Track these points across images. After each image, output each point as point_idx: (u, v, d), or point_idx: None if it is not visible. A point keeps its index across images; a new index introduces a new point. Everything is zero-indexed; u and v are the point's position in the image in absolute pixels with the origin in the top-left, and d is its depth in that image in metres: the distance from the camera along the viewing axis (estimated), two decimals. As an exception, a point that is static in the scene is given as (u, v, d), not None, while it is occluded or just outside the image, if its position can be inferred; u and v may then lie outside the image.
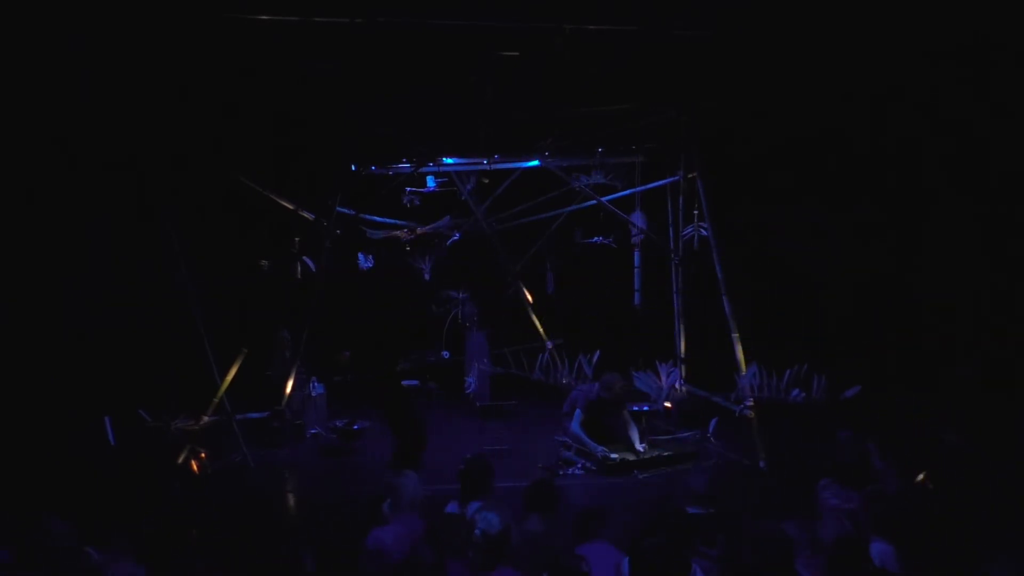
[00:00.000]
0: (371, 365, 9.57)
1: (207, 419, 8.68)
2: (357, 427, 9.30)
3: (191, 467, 8.17)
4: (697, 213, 9.88)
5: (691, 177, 9.96)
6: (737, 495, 7.45)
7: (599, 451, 8.11)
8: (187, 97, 8.36)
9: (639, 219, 10.82)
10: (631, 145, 10.36)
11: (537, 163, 10.34)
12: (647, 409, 9.53)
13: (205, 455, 8.32)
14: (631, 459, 8.15)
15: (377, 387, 9.00)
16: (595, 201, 10.48)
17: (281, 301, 10.32)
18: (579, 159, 10.49)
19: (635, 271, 11.09)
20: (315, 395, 10.01)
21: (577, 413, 8.32)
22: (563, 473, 8.11)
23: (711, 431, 9.20)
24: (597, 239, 10.96)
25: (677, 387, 9.65)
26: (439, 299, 11.52)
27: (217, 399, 8.73)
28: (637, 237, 10.84)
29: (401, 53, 8.09)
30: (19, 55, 7.33)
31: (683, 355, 10.42)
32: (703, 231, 9.74)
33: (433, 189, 10.79)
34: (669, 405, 9.42)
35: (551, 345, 10.65)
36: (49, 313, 8.62)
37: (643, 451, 8.25)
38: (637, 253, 11.06)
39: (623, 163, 10.72)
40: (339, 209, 10.25)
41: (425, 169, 10.51)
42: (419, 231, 11.17)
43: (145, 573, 4.45)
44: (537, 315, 10.94)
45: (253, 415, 9.42)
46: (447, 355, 11.25)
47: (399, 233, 11.15)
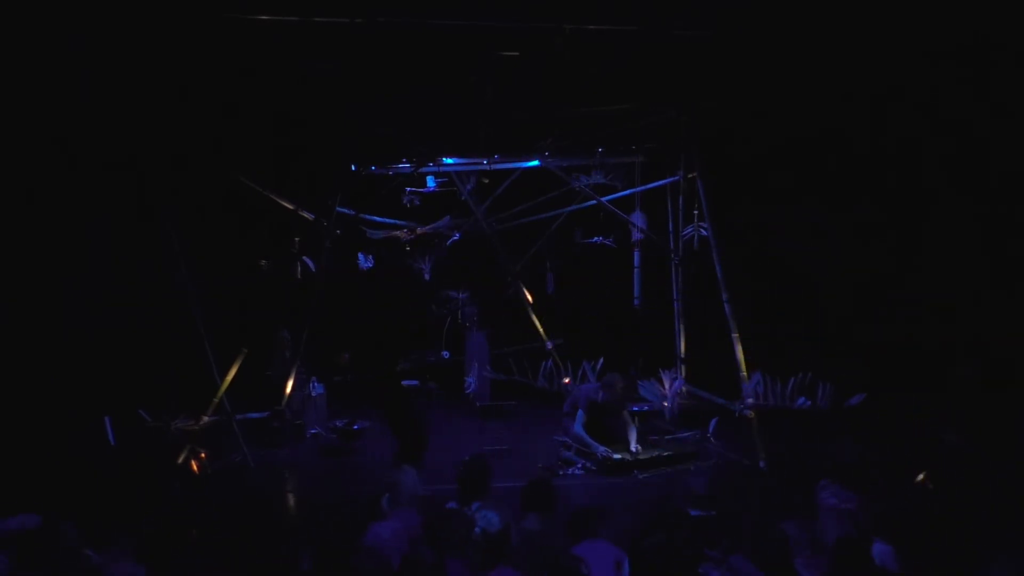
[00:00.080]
0: (371, 365, 9.57)
1: (207, 419, 8.68)
2: (357, 427, 9.30)
3: (191, 467, 8.17)
4: (697, 213, 9.88)
5: (691, 177, 9.96)
6: (737, 495, 7.45)
7: (601, 451, 8.10)
8: (187, 97, 8.36)
9: (639, 219, 10.82)
10: (631, 145, 10.36)
11: (537, 163, 10.34)
12: (647, 409, 9.56)
13: (205, 455, 8.31)
14: (637, 459, 8.13)
15: (377, 387, 9.00)
16: (595, 201, 10.49)
17: (281, 301, 10.32)
18: (579, 159, 10.50)
19: (635, 271, 11.10)
20: (315, 395, 10.00)
21: (579, 414, 8.32)
22: (563, 473, 8.10)
23: (711, 431, 9.21)
24: (597, 239, 10.96)
25: (681, 394, 9.59)
26: (439, 299, 11.52)
27: (217, 399, 8.73)
28: (637, 237, 10.84)
29: (401, 53, 8.09)
30: (19, 55, 7.33)
31: (683, 355, 10.43)
32: (703, 231, 9.74)
33: (433, 189, 10.79)
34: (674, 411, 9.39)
35: (551, 345, 10.65)
36: (49, 313, 8.62)
37: (637, 451, 8.22)
38: (637, 253, 11.06)
39: (623, 163, 10.72)
40: (339, 209, 10.25)
41: (425, 169, 10.51)
42: (419, 231, 11.17)
43: (145, 573, 4.45)
44: (537, 315, 10.94)
45: (253, 415, 9.42)
46: (447, 355, 11.25)
47: (399, 233, 11.15)
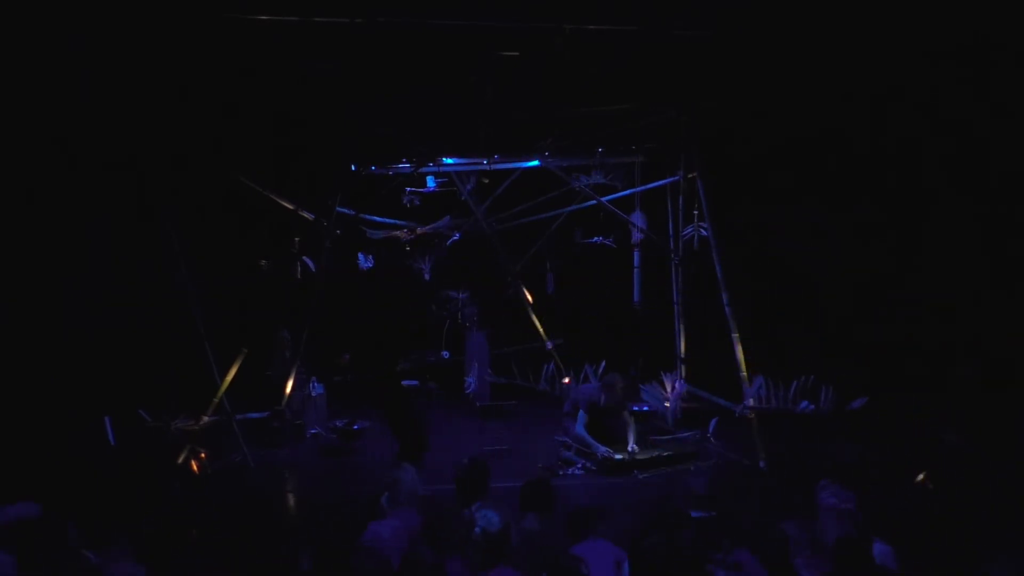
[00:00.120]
0: (371, 365, 9.57)
1: (207, 419, 8.68)
2: (357, 427, 9.30)
3: (191, 467, 8.17)
4: (697, 213, 9.88)
5: (691, 177, 9.96)
6: (737, 495, 7.45)
7: (602, 451, 8.09)
8: (187, 97, 8.35)
9: (639, 219, 10.82)
10: (631, 145, 10.36)
11: (537, 163, 10.34)
12: (647, 410, 9.56)
13: (205, 455, 8.31)
14: (635, 459, 8.13)
15: (377, 387, 9.00)
16: (595, 201, 10.49)
17: (281, 301, 10.32)
18: (579, 159, 10.50)
19: (635, 271, 11.10)
20: (315, 395, 10.00)
21: (580, 415, 8.31)
22: (563, 473, 8.10)
23: (711, 431, 9.21)
24: (597, 239, 10.96)
25: (683, 397, 9.58)
26: (439, 299, 11.52)
27: (217, 399, 8.73)
28: (637, 237, 10.84)
29: (401, 53, 8.09)
30: (19, 55, 7.33)
31: (683, 355, 10.43)
32: (703, 231, 9.74)
33: (433, 189, 10.79)
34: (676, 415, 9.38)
35: (551, 345, 10.65)
36: (49, 313, 8.61)
37: (634, 451, 8.21)
38: (637, 253, 11.06)
39: (623, 163, 10.72)
40: (339, 209, 10.25)
41: (425, 169, 10.51)
42: (419, 231, 11.17)
43: (145, 573, 4.45)
44: (537, 315, 10.94)
45: (253, 415, 9.42)
46: (447, 355, 11.25)
47: (399, 233, 11.15)
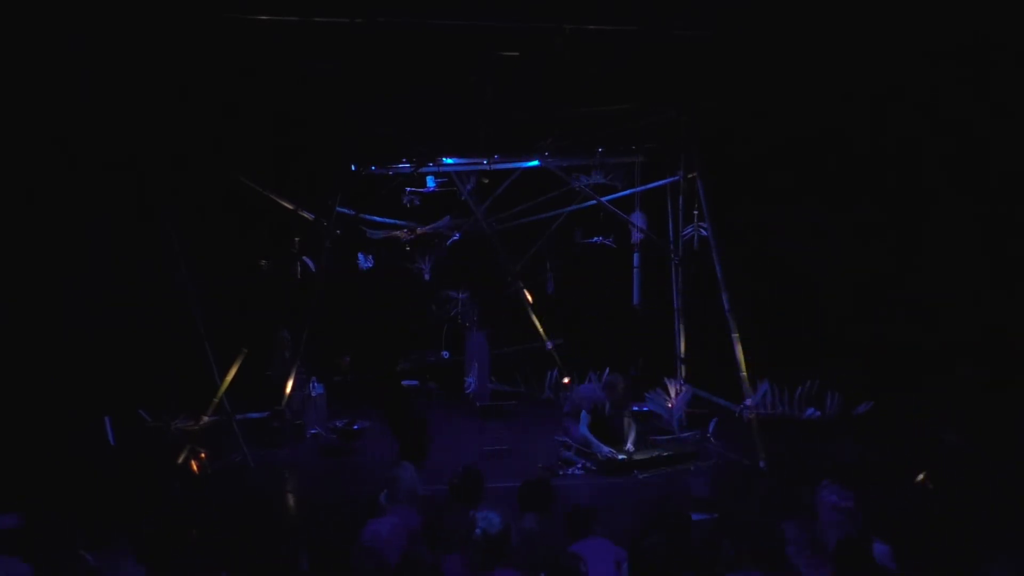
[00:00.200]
0: (371, 365, 9.57)
1: (207, 419, 8.68)
2: (357, 427, 9.29)
3: (191, 467, 8.17)
4: (697, 213, 9.88)
5: (691, 177, 9.96)
6: (737, 495, 7.45)
7: (606, 452, 8.06)
8: (187, 97, 8.35)
9: (639, 219, 10.82)
10: (631, 145, 10.35)
11: (537, 163, 10.34)
12: (647, 410, 9.56)
13: (205, 455, 8.31)
14: (638, 459, 8.11)
15: (377, 387, 9.00)
16: (595, 201, 10.48)
17: (281, 301, 10.32)
18: (579, 159, 10.50)
19: (635, 271, 11.09)
20: (315, 395, 9.99)
21: (583, 415, 8.30)
22: (563, 473, 8.10)
23: (711, 431, 9.20)
24: (597, 239, 10.96)
25: (689, 404, 9.56)
26: (439, 299, 11.52)
27: (217, 399, 8.73)
28: (637, 237, 10.84)
29: (401, 53, 8.09)
30: (19, 55, 7.33)
31: (683, 355, 10.42)
32: (703, 231, 9.73)
33: (433, 189, 10.79)
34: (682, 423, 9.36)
35: (551, 345, 10.65)
36: (49, 313, 8.61)
37: (630, 451, 8.20)
38: (637, 253, 11.06)
39: (623, 163, 10.72)
40: (339, 209, 10.25)
41: (425, 169, 10.51)
42: (419, 231, 11.17)
43: (145, 573, 4.45)
44: (537, 315, 10.94)
45: (253, 415, 9.43)
46: (447, 355, 11.25)
47: (399, 233, 11.15)
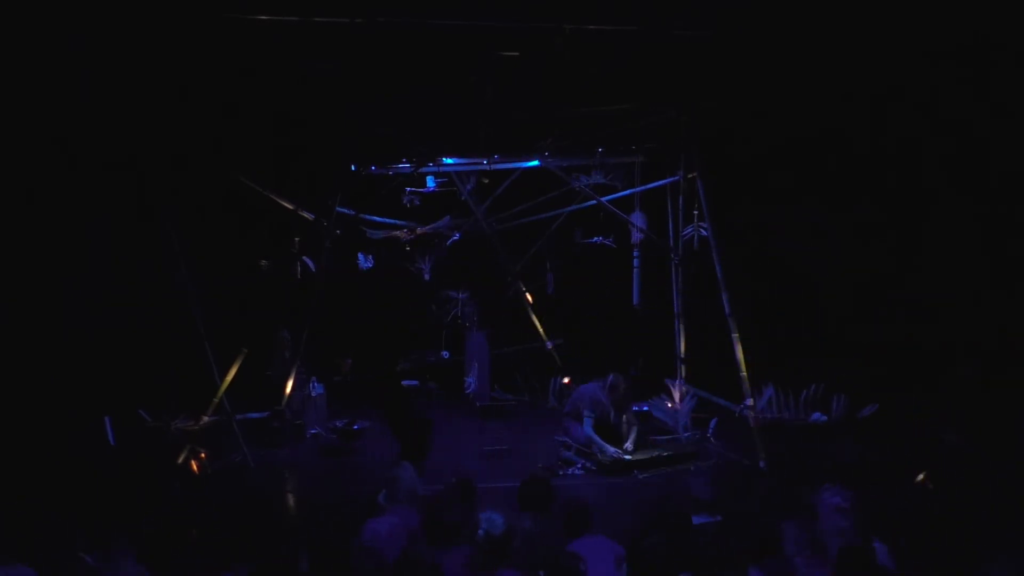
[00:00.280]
0: (371, 365, 9.57)
1: (207, 419, 8.69)
2: (357, 427, 9.30)
3: (191, 467, 8.17)
4: (697, 213, 9.86)
5: (691, 177, 9.94)
6: (737, 495, 7.45)
7: (611, 452, 8.04)
8: (187, 97, 8.35)
9: (639, 219, 10.82)
10: (631, 145, 10.34)
11: (537, 163, 10.33)
12: (647, 410, 9.57)
13: (205, 455, 8.31)
14: (638, 459, 8.10)
15: (377, 387, 9.00)
16: (595, 201, 10.48)
17: (281, 301, 10.32)
18: (579, 159, 10.49)
19: (635, 271, 11.09)
20: (315, 395, 9.99)
21: (586, 416, 8.29)
22: (563, 473, 8.09)
23: (711, 431, 9.20)
24: (597, 239, 10.96)
25: (693, 409, 9.56)
26: (439, 299, 11.52)
27: (217, 399, 8.73)
28: (637, 237, 10.83)
29: (401, 53, 8.09)
30: (19, 55, 7.33)
31: (683, 355, 10.42)
32: (703, 231, 9.73)
33: (433, 189, 10.79)
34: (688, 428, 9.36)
35: (551, 345, 10.65)
36: (49, 313, 8.62)
37: (628, 450, 8.19)
38: (637, 253, 11.05)
39: (623, 163, 10.71)
40: (339, 209, 10.24)
41: (425, 169, 10.50)
42: (419, 231, 11.17)
43: (145, 573, 4.45)
44: (537, 315, 10.93)
45: (253, 415, 9.43)
46: (447, 355, 11.25)
47: (399, 233, 11.15)
